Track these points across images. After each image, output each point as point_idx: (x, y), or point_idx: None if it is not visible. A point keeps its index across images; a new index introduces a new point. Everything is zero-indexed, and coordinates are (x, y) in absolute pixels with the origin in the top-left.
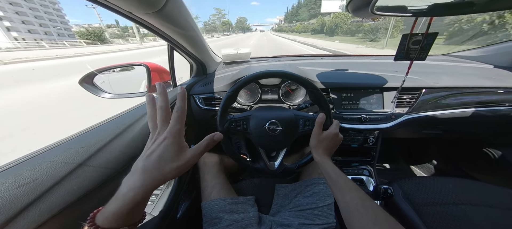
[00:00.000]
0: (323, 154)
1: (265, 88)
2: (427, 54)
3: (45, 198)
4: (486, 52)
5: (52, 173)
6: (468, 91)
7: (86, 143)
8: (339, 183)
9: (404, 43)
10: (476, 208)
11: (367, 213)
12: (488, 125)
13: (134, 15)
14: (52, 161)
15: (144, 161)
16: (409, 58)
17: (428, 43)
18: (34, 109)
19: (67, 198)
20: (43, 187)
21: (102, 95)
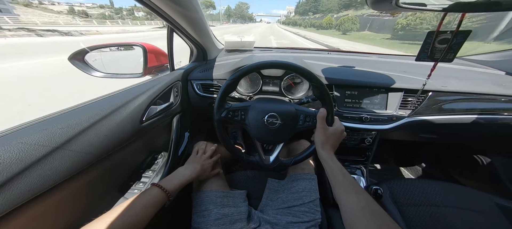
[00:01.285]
0: (329, 150)
1: (267, 79)
2: (456, 55)
3: (14, 183)
4: (500, 57)
5: (22, 156)
6: (475, 97)
7: (66, 124)
8: (346, 185)
9: (429, 42)
10: (456, 210)
11: (374, 218)
12: (484, 132)
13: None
14: (24, 142)
15: (198, 164)
16: (434, 59)
17: (458, 42)
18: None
19: (39, 185)
20: (12, 170)
21: (93, 74)
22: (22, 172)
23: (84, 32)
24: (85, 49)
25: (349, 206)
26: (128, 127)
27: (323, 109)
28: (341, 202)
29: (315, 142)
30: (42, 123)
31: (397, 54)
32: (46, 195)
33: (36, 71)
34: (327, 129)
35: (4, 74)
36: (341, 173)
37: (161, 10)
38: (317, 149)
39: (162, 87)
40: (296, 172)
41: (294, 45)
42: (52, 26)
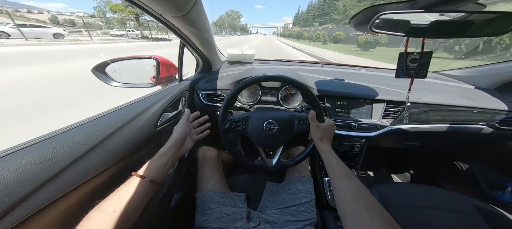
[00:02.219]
0: (327, 143)
1: (266, 90)
2: (427, 71)
3: (63, 175)
4: (471, 72)
5: (70, 152)
6: (447, 109)
7: (100, 127)
8: (339, 171)
9: (402, 61)
10: (436, 211)
11: (360, 198)
12: (459, 141)
13: (163, 17)
14: (71, 141)
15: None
16: (410, 75)
17: (425, 61)
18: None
19: (81, 176)
20: (62, 164)
21: (111, 84)
22: (70, 165)
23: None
24: (107, 61)
25: (340, 189)
26: (146, 131)
27: (313, 111)
28: (334, 186)
29: (314, 139)
30: (83, 126)
31: (381, 68)
32: (83, 186)
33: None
34: (320, 126)
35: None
36: (336, 162)
37: (179, 30)
38: (316, 143)
39: (173, 96)
40: (293, 175)
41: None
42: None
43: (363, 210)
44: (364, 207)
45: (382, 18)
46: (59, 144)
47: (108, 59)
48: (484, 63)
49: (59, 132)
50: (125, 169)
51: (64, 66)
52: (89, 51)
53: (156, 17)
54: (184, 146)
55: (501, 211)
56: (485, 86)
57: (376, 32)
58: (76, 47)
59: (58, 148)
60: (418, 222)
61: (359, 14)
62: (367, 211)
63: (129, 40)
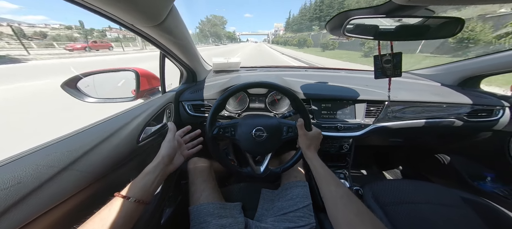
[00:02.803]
0: (314, 151)
1: (253, 97)
2: (401, 70)
3: (28, 200)
4: (436, 71)
5: (36, 176)
6: (420, 105)
7: (72, 147)
8: (327, 178)
9: (378, 63)
10: (429, 206)
11: (351, 205)
12: (436, 134)
13: (135, 27)
14: (37, 164)
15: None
16: (387, 75)
17: (397, 61)
18: None
19: (51, 200)
20: (27, 189)
21: (85, 100)
22: (35, 191)
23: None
24: (78, 76)
25: (330, 196)
26: (126, 147)
27: (301, 119)
28: (324, 193)
29: (301, 147)
30: (51, 146)
31: (360, 70)
32: (53, 211)
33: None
34: (308, 134)
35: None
36: (323, 169)
37: (155, 39)
38: (304, 151)
39: (155, 109)
40: (289, 180)
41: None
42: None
43: (355, 218)
44: (355, 214)
45: (353, 23)
46: (24, 167)
47: (80, 73)
48: (447, 62)
49: (24, 155)
50: (103, 189)
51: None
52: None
53: (127, 28)
54: (174, 163)
55: (486, 201)
56: (450, 83)
57: (348, 36)
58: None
59: (22, 172)
60: (413, 218)
61: (333, 19)
62: (359, 218)
63: (98, 54)
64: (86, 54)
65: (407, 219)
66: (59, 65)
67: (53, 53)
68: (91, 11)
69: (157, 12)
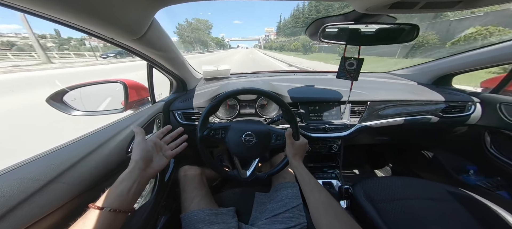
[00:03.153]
0: (299, 160)
1: (243, 103)
2: (358, 75)
3: (12, 214)
4: (412, 71)
5: (21, 189)
6: (399, 104)
7: (58, 160)
8: (311, 185)
9: (342, 64)
10: (418, 201)
11: (332, 209)
12: (417, 131)
13: (115, 40)
14: (21, 178)
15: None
16: (350, 78)
17: (358, 66)
18: None
19: (36, 213)
20: (12, 202)
21: (72, 113)
22: (21, 203)
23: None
24: (64, 89)
25: (313, 201)
26: (115, 158)
27: (290, 128)
28: (307, 198)
29: (287, 155)
30: (38, 160)
31: None
32: (41, 222)
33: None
34: (295, 143)
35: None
36: (307, 176)
37: (142, 53)
38: (290, 160)
39: (145, 119)
40: (278, 182)
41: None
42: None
43: (336, 221)
44: (335, 218)
45: (327, 29)
46: (8, 182)
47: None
48: (421, 62)
49: (7, 170)
50: (93, 200)
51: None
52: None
53: (108, 41)
54: (153, 166)
55: (470, 194)
56: (425, 82)
57: (324, 41)
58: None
59: (6, 186)
60: (405, 214)
61: (311, 25)
62: (338, 221)
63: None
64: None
65: (399, 215)
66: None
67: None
68: (68, 27)
69: (136, 26)
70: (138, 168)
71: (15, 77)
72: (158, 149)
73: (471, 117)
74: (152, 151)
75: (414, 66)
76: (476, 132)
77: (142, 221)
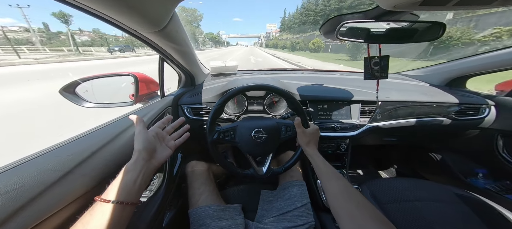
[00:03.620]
0: (314, 147)
1: (251, 100)
2: (388, 73)
3: (33, 204)
4: (425, 72)
5: (40, 180)
6: (411, 105)
7: (75, 151)
8: (328, 173)
9: (368, 65)
10: (425, 203)
11: (351, 198)
12: (427, 133)
13: (138, 33)
14: (40, 168)
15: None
16: (375, 77)
17: (385, 64)
18: None
19: (55, 204)
20: (31, 193)
21: (84, 105)
22: (40, 194)
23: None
24: (77, 81)
25: (331, 190)
26: (128, 151)
27: (298, 118)
28: (325, 187)
29: (301, 144)
30: (55, 151)
31: (354, 71)
32: (57, 214)
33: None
34: (306, 131)
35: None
36: (323, 164)
37: (156, 45)
38: (304, 148)
39: (155, 113)
40: (286, 180)
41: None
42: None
43: (356, 211)
44: (356, 207)
45: (345, 26)
46: (28, 172)
47: (78, 78)
48: (434, 63)
49: (27, 160)
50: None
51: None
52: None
53: (130, 33)
54: (157, 157)
55: (478, 197)
56: (438, 83)
57: (341, 39)
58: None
59: (27, 176)
60: (410, 215)
61: (326, 23)
62: (359, 211)
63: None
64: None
65: (406, 217)
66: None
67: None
68: (95, 17)
69: (159, 18)
70: (142, 158)
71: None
72: (160, 139)
73: (485, 120)
74: (155, 142)
75: (426, 67)
76: (488, 135)
77: (151, 215)
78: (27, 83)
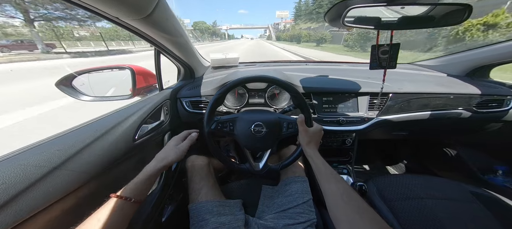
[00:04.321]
0: (314, 148)
1: (252, 92)
2: (396, 62)
3: (15, 202)
4: (442, 62)
5: (24, 176)
6: (426, 96)
7: (62, 146)
8: (327, 175)
9: (375, 53)
10: (437, 201)
11: (351, 202)
12: (442, 126)
13: (120, 20)
14: (25, 164)
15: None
16: (382, 67)
17: (394, 53)
18: None
19: (41, 201)
20: (13, 190)
21: (81, 98)
22: (23, 192)
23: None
24: (73, 74)
25: (330, 193)
26: (121, 146)
27: (302, 115)
28: (324, 190)
29: (301, 143)
30: (40, 146)
31: (361, 62)
32: (44, 212)
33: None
34: (308, 131)
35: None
36: (323, 166)
37: (148, 36)
38: (304, 148)
39: (152, 106)
40: (287, 176)
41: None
42: None
43: (355, 215)
44: (356, 211)
45: (352, 12)
46: (10, 168)
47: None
48: (451, 53)
49: (10, 156)
50: (99, 188)
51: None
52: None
53: (113, 21)
54: (168, 159)
55: (496, 195)
56: (457, 73)
57: (348, 26)
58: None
59: (8, 173)
60: (420, 214)
61: (331, 9)
62: (359, 215)
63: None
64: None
65: (414, 215)
66: None
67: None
68: (73, 4)
69: (142, 2)
70: (163, 167)
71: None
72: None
73: (509, 113)
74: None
75: (443, 56)
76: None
77: (149, 209)
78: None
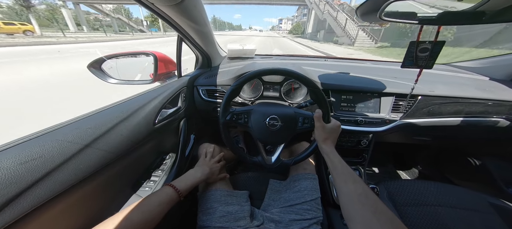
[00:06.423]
0: (331, 145)
1: (268, 85)
2: (435, 62)
3: (53, 175)
4: (484, 63)
5: (60, 151)
6: (461, 101)
7: (93, 124)
8: (344, 174)
9: (412, 50)
10: (450, 210)
11: (369, 203)
12: (474, 135)
13: (155, 6)
14: (61, 139)
15: (208, 167)
16: (418, 66)
17: (436, 51)
18: None
19: (73, 177)
20: (51, 164)
21: (108, 81)
22: (60, 165)
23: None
24: (103, 58)
25: (347, 193)
26: (143, 129)
27: (319, 110)
28: (340, 189)
29: (317, 140)
30: (75, 123)
31: (388, 61)
32: (75, 188)
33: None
34: (326, 127)
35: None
36: (340, 164)
37: (176, 23)
38: (320, 145)
39: (171, 92)
40: (298, 172)
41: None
42: None
43: (372, 217)
44: (373, 213)
45: (394, 5)
46: (47, 143)
47: (104, 55)
48: (497, 54)
49: (48, 131)
50: (122, 169)
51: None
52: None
53: (147, 7)
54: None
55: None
56: (501, 77)
57: (386, 20)
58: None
59: (46, 147)
60: (430, 221)
61: (366, 2)
62: (376, 217)
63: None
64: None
65: (424, 222)
66: None
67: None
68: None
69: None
70: (205, 176)
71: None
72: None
73: None
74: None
75: (486, 58)
76: None
77: None
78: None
